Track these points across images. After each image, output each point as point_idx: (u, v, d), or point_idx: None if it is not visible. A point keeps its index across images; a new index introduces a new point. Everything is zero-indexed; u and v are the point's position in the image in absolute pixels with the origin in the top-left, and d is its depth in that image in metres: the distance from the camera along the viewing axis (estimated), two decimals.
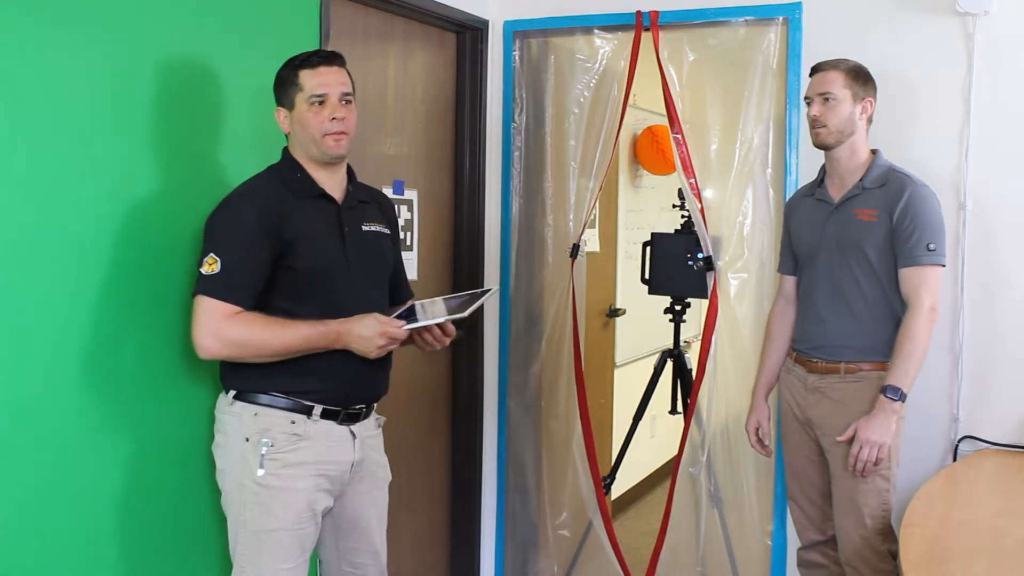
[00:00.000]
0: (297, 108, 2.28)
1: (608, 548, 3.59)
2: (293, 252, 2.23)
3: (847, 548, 2.74)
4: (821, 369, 2.80)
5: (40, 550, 2.07)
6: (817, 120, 2.75)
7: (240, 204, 2.24)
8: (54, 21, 2.02)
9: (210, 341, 2.16)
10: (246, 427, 2.23)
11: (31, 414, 2.03)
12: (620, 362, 4.89)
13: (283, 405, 2.24)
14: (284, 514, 2.22)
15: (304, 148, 2.31)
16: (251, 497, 2.22)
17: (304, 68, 2.27)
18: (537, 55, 3.72)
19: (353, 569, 2.47)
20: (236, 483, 2.24)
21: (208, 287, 2.15)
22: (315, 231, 2.29)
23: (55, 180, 2.06)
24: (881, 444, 2.61)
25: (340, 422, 2.31)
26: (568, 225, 3.66)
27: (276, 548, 2.23)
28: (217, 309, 2.15)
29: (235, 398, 2.26)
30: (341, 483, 2.34)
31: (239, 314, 2.17)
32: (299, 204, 2.28)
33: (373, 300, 2.39)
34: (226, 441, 2.27)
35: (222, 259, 2.16)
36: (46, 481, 2.07)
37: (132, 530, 2.27)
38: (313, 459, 2.26)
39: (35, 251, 2.02)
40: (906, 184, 2.69)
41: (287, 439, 2.23)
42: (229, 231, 2.20)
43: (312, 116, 2.27)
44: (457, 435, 3.72)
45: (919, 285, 2.65)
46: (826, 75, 2.75)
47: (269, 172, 2.34)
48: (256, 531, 2.23)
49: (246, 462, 2.22)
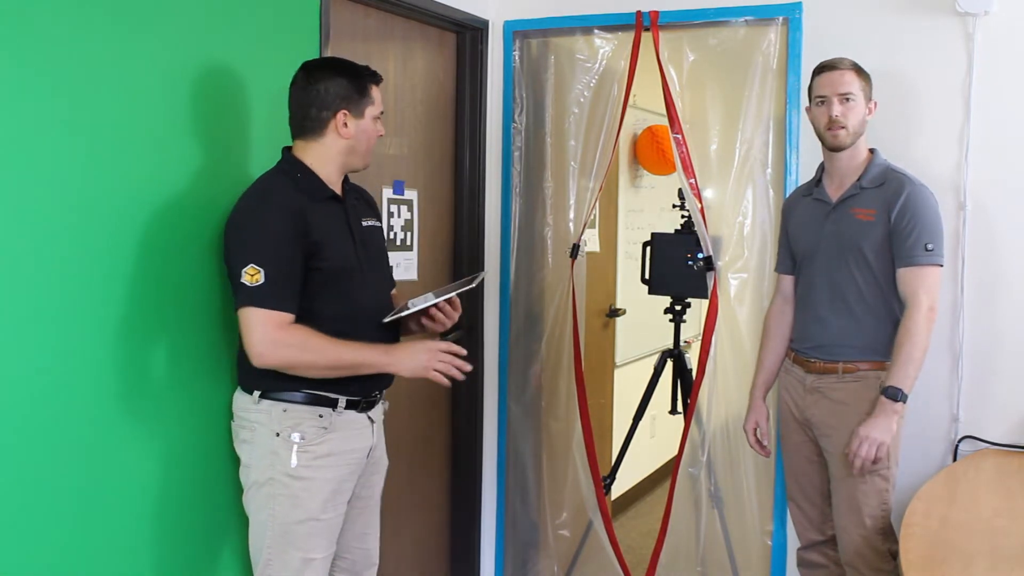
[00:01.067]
0: (365, 119, 2.36)
1: (608, 548, 3.59)
2: (319, 253, 2.28)
3: (847, 548, 2.74)
4: (819, 369, 2.80)
5: (75, 549, 2.10)
6: (837, 121, 2.71)
7: (267, 210, 2.25)
8: (60, 25, 2.02)
9: (267, 350, 2.20)
10: (276, 423, 2.28)
11: (61, 416, 2.06)
12: (620, 362, 4.89)
13: (309, 400, 2.30)
14: (312, 504, 2.28)
15: (347, 155, 2.38)
16: (281, 490, 2.27)
17: (374, 84, 2.39)
18: (537, 55, 3.72)
19: (344, 554, 2.51)
20: (265, 477, 2.29)
21: (256, 298, 2.18)
22: (334, 232, 2.34)
23: (82, 184, 2.08)
24: (881, 442, 2.61)
25: (360, 410, 2.39)
26: (568, 225, 3.66)
27: (306, 539, 2.29)
28: (270, 319, 2.19)
29: (261, 397, 2.30)
30: (360, 468, 2.42)
31: (295, 325, 2.22)
32: (316, 206, 2.31)
33: (383, 293, 2.51)
34: (253, 437, 2.31)
35: (264, 269, 2.18)
36: (78, 481, 2.10)
37: (163, 528, 2.32)
38: (340, 449, 2.34)
39: (60, 254, 2.05)
40: (904, 184, 2.69)
41: (316, 432, 2.29)
42: (265, 239, 2.22)
43: (375, 131, 2.40)
44: (457, 435, 3.72)
45: (917, 285, 2.64)
46: (844, 74, 2.72)
47: (277, 175, 2.35)
48: (286, 523, 2.28)
49: (277, 456, 2.27)
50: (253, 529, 2.33)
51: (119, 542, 2.21)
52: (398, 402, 3.31)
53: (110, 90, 2.14)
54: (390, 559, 3.28)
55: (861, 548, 2.70)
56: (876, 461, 2.62)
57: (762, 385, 3.00)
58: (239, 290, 2.20)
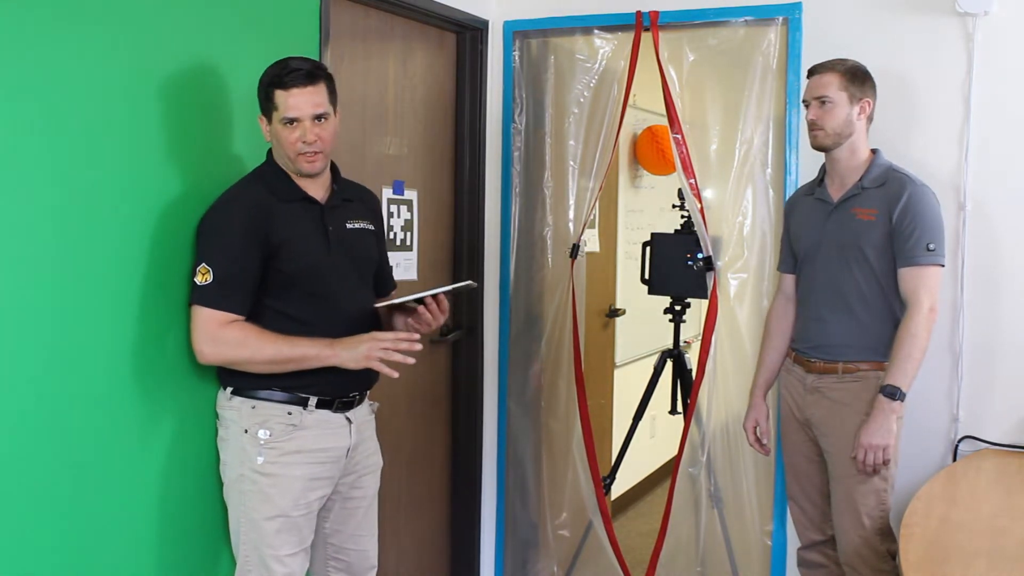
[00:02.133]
0: (273, 124, 2.31)
1: (608, 548, 3.59)
2: (280, 255, 2.29)
3: (846, 548, 2.74)
4: (819, 369, 2.80)
5: (74, 547, 2.10)
6: (814, 123, 2.76)
7: (226, 211, 2.29)
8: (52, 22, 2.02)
9: (207, 348, 2.25)
10: (245, 419, 2.30)
11: (62, 413, 2.07)
12: (620, 362, 4.89)
13: (280, 398, 2.31)
14: (282, 501, 2.29)
15: (282, 160, 2.36)
16: (250, 486, 2.29)
17: (278, 88, 2.26)
18: (537, 55, 3.71)
19: (338, 555, 2.53)
20: (236, 474, 2.31)
21: (202, 297, 2.23)
22: (300, 233, 2.33)
23: (83, 184, 2.09)
24: (885, 446, 2.62)
25: (335, 410, 2.39)
26: (568, 225, 3.66)
27: (275, 535, 2.29)
28: (212, 318, 2.23)
29: (233, 394, 2.33)
30: (338, 469, 2.41)
31: (234, 323, 2.24)
32: (283, 207, 2.32)
33: (359, 296, 2.46)
34: (227, 434, 2.35)
35: (213, 269, 2.22)
36: (78, 480, 2.10)
37: (162, 527, 2.32)
38: (310, 447, 2.33)
39: (58, 254, 2.04)
40: (905, 184, 2.69)
41: (284, 429, 2.30)
42: (218, 239, 2.26)
43: (286, 135, 2.28)
44: (457, 435, 3.72)
45: (918, 285, 2.65)
46: (822, 78, 2.76)
47: (253, 176, 2.38)
48: (256, 519, 2.29)
49: (245, 452, 2.29)
50: (231, 525, 2.37)
51: (118, 540, 2.21)
52: (398, 402, 3.31)
53: (111, 90, 2.14)
54: (390, 559, 3.28)
55: (860, 548, 2.70)
56: (885, 463, 2.63)
57: (763, 384, 3.01)
58: (191, 289, 2.25)
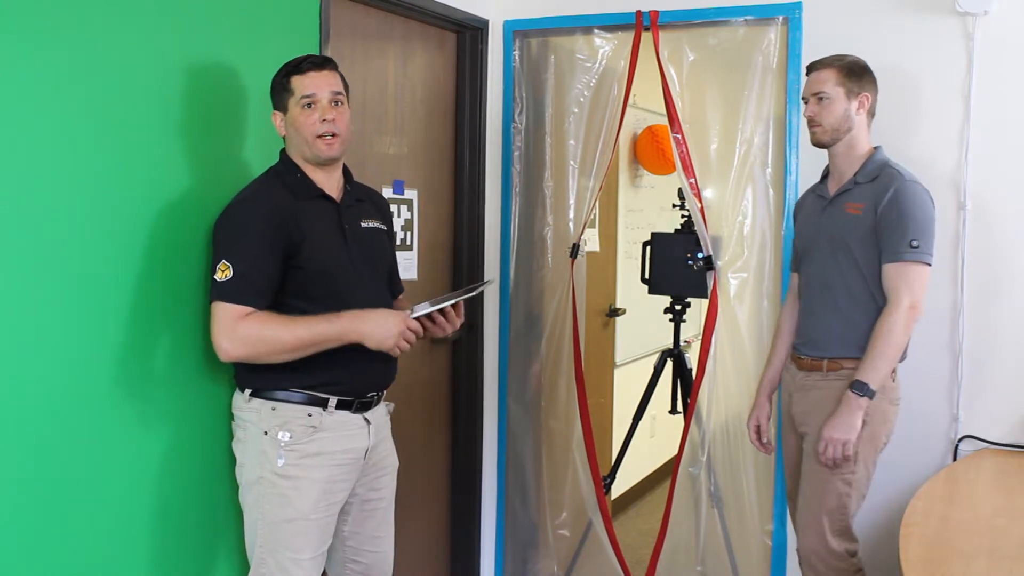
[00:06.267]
0: (290, 111, 2.34)
1: (608, 548, 3.59)
2: (300, 252, 2.29)
3: (803, 545, 2.74)
4: (807, 366, 2.80)
5: (74, 546, 2.10)
6: (812, 120, 2.77)
7: (246, 209, 2.29)
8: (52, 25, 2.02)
9: (228, 343, 2.22)
10: (265, 421, 2.29)
11: (64, 413, 2.07)
12: (620, 362, 4.89)
13: (299, 399, 2.31)
14: (302, 504, 2.28)
15: (299, 150, 2.37)
16: (270, 488, 2.28)
17: (295, 74, 2.33)
18: (537, 55, 3.72)
19: (356, 557, 2.52)
20: (255, 476, 2.30)
21: (222, 293, 2.22)
22: (319, 231, 2.34)
23: (85, 183, 2.09)
24: (845, 441, 2.60)
25: (354, 411, 2.38)
26: (568, 225, 3.66)
27: (295, 538, 2.28)
28: (231, 312, 2.21)
29: (252, 395, 2.32)
30: (357, 470, 2.41)
31: (251, 314, 2.22)
32: (301, 205, 2.33)
33: (377, 294, 2.46)
34: (245, 436, 2.34)
35: (234, 265, 2.21)
36: (79, 478, 2.10)
37: (162, 526, 2.32)
38: (330, 449, 2.33)
39: (62, 252, 2.05)
40: (894, 179, 2.67)
41: (304, 431, 2.29)
42: (238, 237, 2.25)
43: (304, 118, 2.32)
44: (457, 435, 3.72)
45: (900, 282, 2.62)
46: (819, 74, 2.76)
47: (269, 175, 2.38)
48: (275, 522, 2.28)
49: (265, 455, 2.28)
50: (247, 528, 2.35)
51: (118, 539, 2.21)
52: (398, 402, 3.29)
53: (111, 90, 2.14)
54: None
55: (816, 546, 2.69)
56: (845, 458, 2.62)
57: (768, 382, 3.00)
58: (211, 286, 2.24)
